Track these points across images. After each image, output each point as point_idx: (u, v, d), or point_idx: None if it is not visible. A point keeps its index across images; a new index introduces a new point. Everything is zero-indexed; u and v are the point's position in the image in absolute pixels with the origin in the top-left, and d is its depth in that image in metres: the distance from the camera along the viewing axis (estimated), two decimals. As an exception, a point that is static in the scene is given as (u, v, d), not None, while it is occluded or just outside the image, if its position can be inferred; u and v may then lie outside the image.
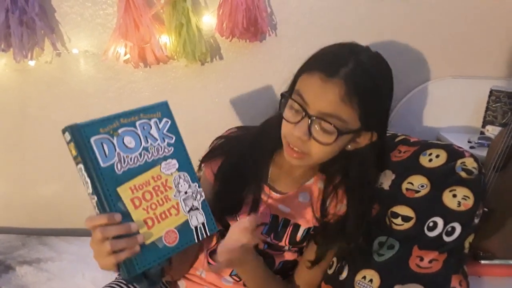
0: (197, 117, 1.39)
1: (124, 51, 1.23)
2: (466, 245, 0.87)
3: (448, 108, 1.36)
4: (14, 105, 1.37)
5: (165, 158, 0.70)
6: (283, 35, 1.29)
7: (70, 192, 1.45)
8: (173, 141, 0.72)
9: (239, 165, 0.96)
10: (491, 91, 1.26)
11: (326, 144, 0.80)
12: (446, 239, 0.86)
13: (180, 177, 0.71)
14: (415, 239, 0.88)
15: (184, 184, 0.72)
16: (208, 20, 1.25)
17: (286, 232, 0.96)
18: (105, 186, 0.64)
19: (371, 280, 0.88)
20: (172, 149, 0.71)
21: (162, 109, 0.72)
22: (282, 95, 0.86)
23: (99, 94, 1.35)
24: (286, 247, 0.98)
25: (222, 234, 0.92)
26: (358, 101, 0.77)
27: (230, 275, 0.98)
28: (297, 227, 0.96)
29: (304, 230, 0.95)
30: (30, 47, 1.24)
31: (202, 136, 1.39)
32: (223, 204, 0.94)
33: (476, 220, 0.87)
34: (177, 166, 0.71)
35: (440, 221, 0.87)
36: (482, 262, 1.06)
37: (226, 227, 0.95)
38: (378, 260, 0.90)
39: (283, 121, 0.85)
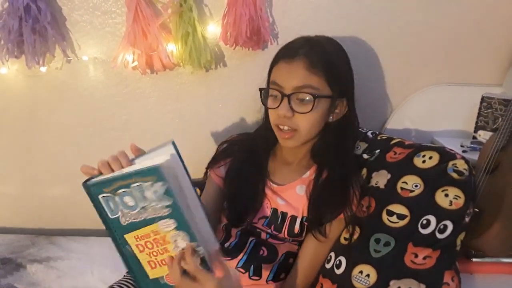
0: (202, 121, 1.42)
1: (132, 58, 1.26)
2: (458, 242, 0.90)
3: (442, 114, 1.39)
4: (25, 109, 1.41)
5: (162, 218, 0.70)
6: (284, 43, 1.32)
7: (78, 193, 1.43)
8: (170, 203, 0.69)
9: (245, 166, 1.02)
10: (483, 98, 1.28)
11: (308, 112, 0.91)
12: (439, 236, 0.89)
13: (178, 235, 0.71)
14: (410, 236, 0.91)
15: (182, 242, 0.72)
16: (213, 29, 1.29)
17: (285, 225, 1.01)
18: (115, 231, 0.74)
19: (368, 275, 0.91)
20: (170, 210, 0.70)
21: (156, 173, 0.68)
22: (260, 89, 0.98)
23: (107, 99, 1.39)
24: (287, 239, 1.02)
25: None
26: (322, 69, 0.90)
27: (249, 277, 1.00)
28: (294, 219, 1.00)
29: (299, 221, 1.00)
30: (42, 54, 1.27)
31: (206, 139, 1.44)
32: (242, 204, 1.02)
33: (467, 219, 0.90)
34: (174, 225, 0.71)
35: (433, 219, 0.90)
36: (474, 260, 1.10)
37: (248, 224, 1.03)
38: (375, 256, 0.92)
39: (269, 111, 0.97)
